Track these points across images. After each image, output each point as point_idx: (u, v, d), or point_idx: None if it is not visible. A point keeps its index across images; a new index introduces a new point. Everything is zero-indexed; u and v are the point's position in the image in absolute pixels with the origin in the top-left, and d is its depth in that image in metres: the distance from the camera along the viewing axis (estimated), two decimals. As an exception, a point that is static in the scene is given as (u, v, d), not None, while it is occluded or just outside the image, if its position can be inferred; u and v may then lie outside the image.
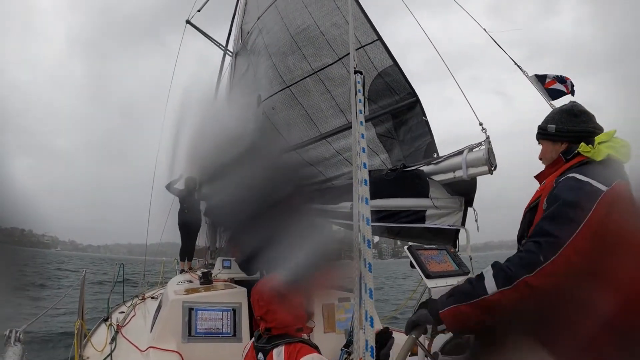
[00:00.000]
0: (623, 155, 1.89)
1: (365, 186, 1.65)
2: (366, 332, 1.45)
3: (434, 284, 2.43)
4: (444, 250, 2.85)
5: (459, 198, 4.36)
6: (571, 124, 2.13)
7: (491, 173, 3.94)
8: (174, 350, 4.11)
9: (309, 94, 5.83)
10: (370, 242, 1.56)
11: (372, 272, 1.52)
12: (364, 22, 5.08)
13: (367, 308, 1.47)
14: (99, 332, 5.49)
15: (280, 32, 6.35)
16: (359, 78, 1.97)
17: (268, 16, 6.87)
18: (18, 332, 2.70)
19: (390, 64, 4.91)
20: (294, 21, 6.12)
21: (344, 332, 5.01)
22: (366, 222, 1.57)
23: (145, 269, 9.52)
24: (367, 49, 5.03)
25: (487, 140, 3.96)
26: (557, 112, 2.24)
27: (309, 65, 5.79)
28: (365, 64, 5.02)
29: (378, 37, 4.99)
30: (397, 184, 4.59)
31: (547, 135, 2.21)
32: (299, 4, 6.06)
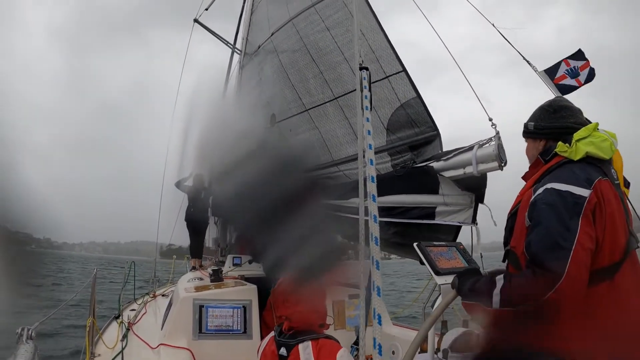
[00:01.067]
0: (604, 150, 1.83)
1: (373, 183, 1.64)
2: (375, 330, 1.45)
3: (443, 281, 2.42)
4: (454, 247, 2.84)
5: (470, 195, 4.34)
6: (549, 120, 2.05)
7: (501, 169, 3.92)
8: (184, 347, 4.13)
9: (327, 119, 5.81)
10: (378, 240, 1.55)
11: (380, 269, 1.52)
12: (389, 52, 5.08)
13: (375, 306, 1.47)
14: (110, 329, 5.52)
15: (301, 53, 6.29)
16: (365, 74, 1.96)
17: (284, 34, 6.78)
18: (30, 330, 2.72)
19: (414, 95, 4.87)
20: (315, 43, 6.08)
21: (354, 329, 5.01)
22: (374, 220, 1.57)
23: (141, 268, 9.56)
24: (391, 79, 5.01)
25: (497, 136, 3.94)
26: (538, 109, 2.16)
27: (330, 90, 5.76)
28: (388, 94, 5.01)
29: (403, 69, 4.97)
30: (407, 181, 4.58)
31: (527, 133, 2.16)
32: (320, 25, 6.03)
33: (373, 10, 5.36)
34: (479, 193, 4.31)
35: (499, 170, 3.94)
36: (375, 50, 5.16)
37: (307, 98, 6.09)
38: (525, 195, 1.91)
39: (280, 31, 6.85)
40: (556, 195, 1.71)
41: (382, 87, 5.05)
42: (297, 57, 6.35)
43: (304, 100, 6.14)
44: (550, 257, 1.61)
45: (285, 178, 2.69)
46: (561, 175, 1.80)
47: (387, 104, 5.02)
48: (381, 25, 5.25)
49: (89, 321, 4.32)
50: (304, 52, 6.22)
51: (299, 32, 6.41)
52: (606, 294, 1.64)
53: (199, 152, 3.28)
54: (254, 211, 2.69)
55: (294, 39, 6.49)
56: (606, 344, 1.58)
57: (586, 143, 1.83)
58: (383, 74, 5.05)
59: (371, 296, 1.58)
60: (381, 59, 5.10)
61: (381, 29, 5.23)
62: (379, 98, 5.04)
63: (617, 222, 1.72)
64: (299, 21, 6.48)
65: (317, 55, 6.00)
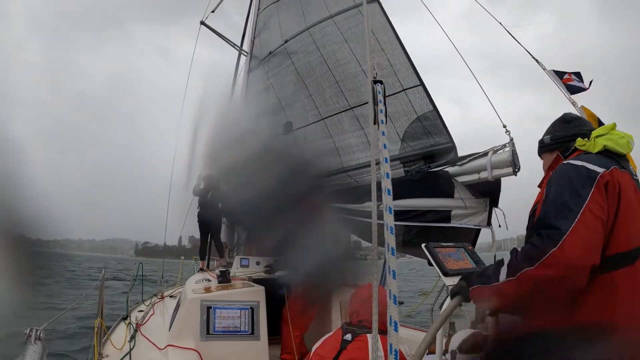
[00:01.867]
0: (622, 146, 1.88)
1: (389, 196, 1.63)
2: (391, 336, 1.45)
3: (451, 282, 2.41)
4: (462, 247, 2.83)
5: (484, 199, 4.39)
6: (564, 130, 2.16)
7: (515, 174, 3.99)
8: (192, 348, 4.14)
9: (342, 128, 5.89)
10: (394, 251, 1.55)
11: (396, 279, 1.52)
12: (408, 66, 5.20)
13: (391, 313, 1.47)
14: (118, 330, 5.54)
15: (317, 62, 6.34)
16: (380, 88, 1.95)
17: (299, 42, 6.81)
18: (38, 330, 2.74)
19: (430, 109, 4.98)
20: (332, 54, 6.16)
21: None
22: (390, 231, 1.56)
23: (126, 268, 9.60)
24: (408, 92, 5.13)
25: (511, 142, 4.00)
26: (551, 125, 2.28)
27: (346, 100, 5.84)
28: (405, 107, 5.12)
29: (420, 83, 5.09)
30: (422, 185, 4.63)
31: (544, 146, 2.25)
32: (338, 37, 6.10)
33: (393, 26, 5.46)
34: (494, 197, 4.36)
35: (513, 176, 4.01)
36: (394, 64, 5.29)
37: (324, 107, 6.16)
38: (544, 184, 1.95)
39: (296, 39, 6.88)
40: (571, 167, 1.79)
41: (400, 100, 5.18)
42: (314, 66, 6.41)
43: (320, 110, 6.21)
44: (557, 217, 1.64)
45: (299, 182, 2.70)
46: (578, 156, 1.89)
47: (403, 116, 5.13)
48: (400, 40, 5.37)
49: (97, 322, 4.33)
50: (320, 62, 6.29)
51: (315, 42, 6.48)
52: (626, 280, 1.63)
53: (209, 153, 3.29)
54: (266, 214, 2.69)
55: (310, 48, 6.55)
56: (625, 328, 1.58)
57: (604, 139, 1.90)
58: (400, 87, 5.19)
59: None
60: (399, 72, 5.23)
61: (400, 44, 5.35)
62: (395, 110, 5.17)
63: (636, 210, 1.74)
64: (315, 31, 6.55)
65: (335, 65, 6.08)
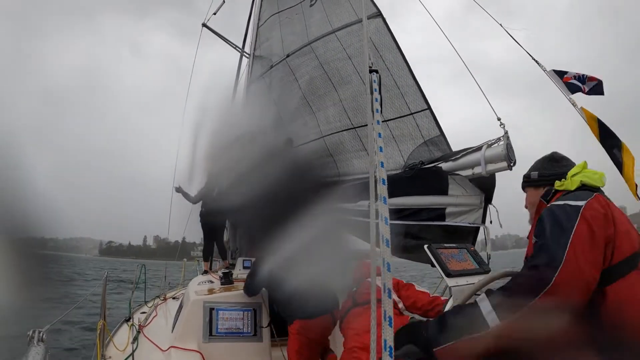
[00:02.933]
0: (596, 181, 2.02)
1: (384, 185, 1.63)
2: (385, 332, 1.44)
3: (454, 283, 2.40)
4: (464, 248, 2.82)
5: (479, 195, 4.33)
6: (553, 169, 2.27)
7: (510, 169, 3.91)
8: (195, 349, 4.14)
9: (343, 148, 5.83)
10: (389, 242, 1.54)
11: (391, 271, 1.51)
12: (415, 89, 5.11)
13: (385, 308, 1.46)
14: (120, 332, 5.55)
15: (321, 80, 6.27)
16: (375, 77, 1.96)
17: (302, 57, 6.73)
18: (41, 332, 2.74)
19: (438, 134, 4.91)
20: (337, 71, 6.06)
21: None
22: (385, 222, 1.56)
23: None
24: (415, 116, 5.06)
25: (506, 136, 3.92)
26: (539, 161, 2.40)
27: (349, 119, 5.77)
28: (412, 130, 5.06)
29: (428, 107, 5.01)
30: (416, 182, 4.58)
31: (530, 182, 2.37)
32: (341, 53, 6.02)
33: (399, 45, 5.40)
34: (488, 194, 4.31)
35: (508, 170, 3.94)
36: (401, 86, 5.21)
37: (325, 125, 6.10)
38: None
39: (298, 54, 6.81)
40: (555, 207, 1.87)
41: (407, 123, 5.11)
42: (318, 83, 6.33)
43: (321, 128, 6.15)
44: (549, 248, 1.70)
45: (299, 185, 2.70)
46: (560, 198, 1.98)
47: (409, 139, 5.07)
48: (407, 61, 5.29)
49: (99, 324, 4.34)
50: (324, 80, 6.21)
51: (318, 58, 6.40)
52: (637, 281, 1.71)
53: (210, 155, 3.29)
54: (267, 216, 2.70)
55: (313, 63, 6.47)
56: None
57: (580, 176, 2.04)
58: (408, 111, 5.11)
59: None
60: (406, 95, 5.15)
61: (407, 66, 5.26)
62: (402, 133, 5.12)
63: (626, 222, 1.85)
64: (318, 46, 6.47)
65: (339, 83, 6.00)
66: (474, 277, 2.48)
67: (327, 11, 6.52)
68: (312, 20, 6.81)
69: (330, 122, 6.02)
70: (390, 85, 5.23)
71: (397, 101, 5.19)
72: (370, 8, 5.64)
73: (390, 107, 5.24)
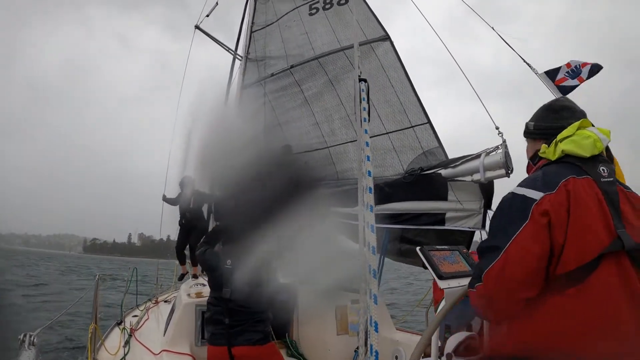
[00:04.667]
0: (584, 148, 1.75)
1: (370, 194, 1.65)
2: (371, 337, 1.45)
3: (446, 285, 2.41)
4: (457, 250, 2.83)
5: (478, 201, 4.41)
6: (549, 121, 1.99)
7: (508, 176, 4.02)
8: (187, 353, 4.13)
9: (346, 158, 5.99)
10: (375, 249, 1.56)
11: (378, 278, 1.53)
12: (416, 104, 5.42)
13: (371, 314, 1.48)
14: (112, 335, 5.52)
15: (330, 95, 6.43)
16: (363, 86, 1.98)
17: (309, 70, 6.80)
18: (32, 336, 2.72)
19: (437, 145, 5.14)
20: (344, 86, 6.25)
21: (356, 334, 5.00)
22: (371, 230, 1.57)
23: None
24: (416, 129, 5.33)
25: (504, 144, 4.02)
26: (540, 109, 2.10)
27: (354, 131, 5.83)
28: (412, 142, 5.31)
29: (428, 121, 5.28)
30: (416, 187, 4.65)
31: (526, 133, 2.11)
32: (351, 72, 6.15)
33: (403, 65, 5.71)
34: (487, 199, 4.38)
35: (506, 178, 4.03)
36: (403, 102, 5.50)
37: (331, 137, 6.23)
38: None
39: (304, 66, 6.88)
40: (510, 198, 1.75)
41: (407, 135, 5.37)
42: (325, 96, 6.48)
43: (326, 138, 6.27)
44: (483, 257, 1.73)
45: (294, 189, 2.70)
46: (527, 178, 1.83)
47: (409, 150, 5.30)
48: (410, 79, 5.58)
49: (91, 327, 4.32)
50: (333, 95, 6.37)
51: (327, 74, 6.52)
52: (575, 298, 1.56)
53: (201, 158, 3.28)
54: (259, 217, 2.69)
55: (321, 80, 6.59)
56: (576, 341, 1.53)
57: (566, 142, 1.80)
58: (409, 124, 5.39)
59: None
60: (408, 110, 5.45)
61: (410, 83, 5.55)
62: (402, 144, 5.38)
63: (590, 222, 1.62)
64: (326, 62, 6.59)
65: (347, 99, 6.15)
66: (466, 279, 2.49)
67: (332, 26, 6.70)
68: (316, 34, 6.94)
69: (336, 133, 6.18)
70: (394, 101, 5.54)
71: (399, 115, 5.49)
72: (379, 31, 6.03)
73: (392, 121, 5.52)
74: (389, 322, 5.05)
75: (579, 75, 4.27)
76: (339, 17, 6.72)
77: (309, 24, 7.08)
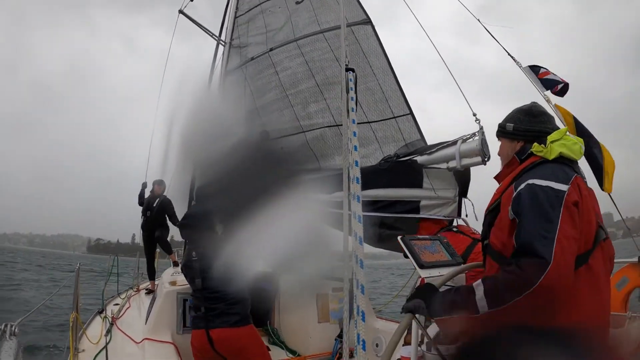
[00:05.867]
0: (575, 152, 1.97)
1: (358, 184, 1.66)
2: (358, 326, 1.47)
3: (427, 274, 2.44)
4: (437, 240, 2.86)
5: (453, 189, 4.40)
6: (529, 124, 2.16)
7: (484, 163, 3.99)
8: (169, 341, 4.13)
9: (325, 144, 5.88)
10: (362, 239, 1.57)
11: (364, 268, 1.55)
12: (398, 94, 5.32)
13: (358, 303, 1.49)
14: (93, 324, 5.48)
15: (304, 76, 6.28)
16: (351, 76, 1.98)
17: (286, 53, 6.67)
18: (13, 326, 2.70)
19: (418, 137, 5.08)
20: (321, 70, 6.10)
21: (337, 322, 5.05)
22: (358, 220, 1.58)
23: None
24: (398, 120, 5.24)
25: (481, 131, 4.00)
26: (517, 111, 2.26)
27: (332, 117, 5.81)
28: (394, 133, 5.24)
29: (410, 112, 5.20)
30: (391, 174, 4.62)
31: (505, 133, 2.26)
32: (329, 54, 6.05)
33: (385, 52, 5.56)
34: (463, 187, 4.38)
35: (482, 165, 4.01)
36: (385, 90, 5.38)
37: (306, 121, 6.10)
38: (506, 192, 1.99)
39: (282, 49, 6.75)
40: (538, 189, 1.81)
41: (389, 126, 5.28)
42: (300, 79, 6.34)
43: (302, 122, 6.14)
44: (536, 246, 1.67)
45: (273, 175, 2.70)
46: (540, 172, 1.90)
47: (392, 141, 5.23)
48: (392, 67, 5.46)
49: (72, 316, 4.29)
50: (308, 76, 6.23)
51: (303, 55, 6.39)
52: (584, 276, 1.74)
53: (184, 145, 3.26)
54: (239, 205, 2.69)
55: (298, 60, 6.45)
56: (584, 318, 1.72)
57: (559, 145, 1.96)
58: (391, 114, 5.28)
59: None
60: (390, 99, 5.33)
61: (392, 71, 5.43)
62: (384, 135, 5.29)
63: (590, 215, 1.85)
64: (304, 44, 6.45)
65: (323, 82, 6.03)
66: (446, 269, 2.53)
67: (316, 11, 6.55)
68: (299, 19, 6.79)
69: (312, 117, 6.05)
70: (376, 89, 5.41)
71: (381, 105, 5.36)
72: (360, 15, 5.83)
73: (374, 110, 5.40)
74: (370, 310, 5.10)
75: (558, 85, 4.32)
76: (323, 1, 6.61)
77: (294, 10, 6.96)
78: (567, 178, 1.83)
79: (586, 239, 1.79)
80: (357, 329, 1.47)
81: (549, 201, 1.76)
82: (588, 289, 1.76)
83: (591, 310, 1.76)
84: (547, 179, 1.83)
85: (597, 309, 1.80)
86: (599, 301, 1.81)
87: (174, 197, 7.96)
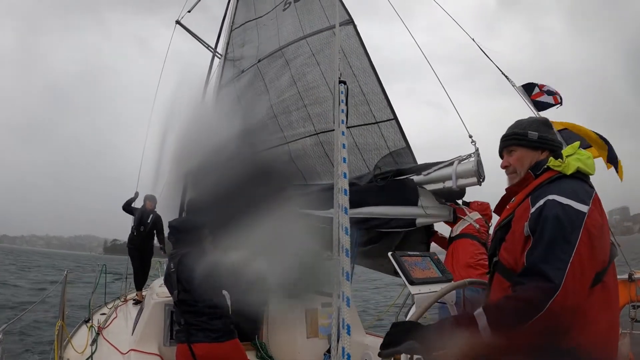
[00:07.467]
0: (590, 167, 1.90)
1: (345, 196, 1.66)
2: (343, 340, 1.46)
3: (417, 290, 2.44)
4: (428, 257, 2.87)
5: (449, 207, 4.43)
6: (550, 134, 2.08)
7: (480, 184, 4.02)
8: (155, 353, 4.09)
9: (305, 154, 5.69)
10: (349, 252, 1.57)
11: (350, 281, 1.54)
12: (381, 98, 5.05)
13: (344, 316, 1.48)
14: (79, 333, 5.42)
15: (287, 84, 6.17)
16: (342, 88, 2.00)
17: (272, 63, 6.62)
18: (-4, 332, 2.67)
19: (404, 145, 4.89)
20: (303, 76, 5.98)
21: (327, 337, 5.02)
22: (345, 232, 1.58)
23: None
24: (381, 125, 5.01)
25: (477, 152, 4.04)
26: (535, 122, 2.16)
27: (312, 125, 5.68)
28: (377, 140, 5.01)
29: (394, 117, 4.96)
30: (387, 192, 4.61)
31: (528, 141, 2.08)
32: (310, 58, 5.96)
33: (367, 52, 5.34)
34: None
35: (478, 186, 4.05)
36: (367, 93, 5.13)
37: (289, 131, 5.95)
38: (520, 206, 1.92)
39: (269, 59, 6.70)
40: (559, 207, 1.73)
41: (371, 132, 5.04)
42: (284, 88, 6.22)
43: (285, 133, 5.99)
44: (547, 268, 1.62)
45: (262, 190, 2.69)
46: (561, 189, 1.82)
47: (374, 149, 5.02)
48: (374, 68, 5.21)
49: (58, 324, 4.25)
50: (290, 83, 6.12)
51: (288, 63, 6.31)
52: (599, 294, 1.72)
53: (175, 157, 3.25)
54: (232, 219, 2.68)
55: (283, 70, 6.36)
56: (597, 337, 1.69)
57: (575, 159, 1.89)
58: (373, 119, 5.04)
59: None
60: (372, 103, 5.07)
61: (374, 72, 5.19)
62: (366, 142, 5.05)
63: (607, 233, 1.81)
64: (288, 51, 6.38)
65: (304, 88, 5.90)
66: (436, 285, 2.52)
67: (300, 17, 6.49)
68: (284, 25, 6.76)
69: (294, 127, 5.92)
70: (356, 92, 5.13)
71: (361, 107, 5.10)
72: (343, 15, 5.57)
73: (354, 114, 5.09)
74: (359, 325, 5.08)
75: (554, 95, 4.37)
76: (307, 6, 6.51)
77: (281, 19, 6.95)
78: (587, 197, 1.77)
79: (603, 259, 1.75)
80: (342, 342, 1.46)
81: (569, 221, 1.69)
82: (602, 306, 1.73)
83: (604, 329, 1.74)
84: (568, 196, 1.76)
85: (609, 326, 1.77)
86: (612, 318, 1.80)
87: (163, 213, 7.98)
